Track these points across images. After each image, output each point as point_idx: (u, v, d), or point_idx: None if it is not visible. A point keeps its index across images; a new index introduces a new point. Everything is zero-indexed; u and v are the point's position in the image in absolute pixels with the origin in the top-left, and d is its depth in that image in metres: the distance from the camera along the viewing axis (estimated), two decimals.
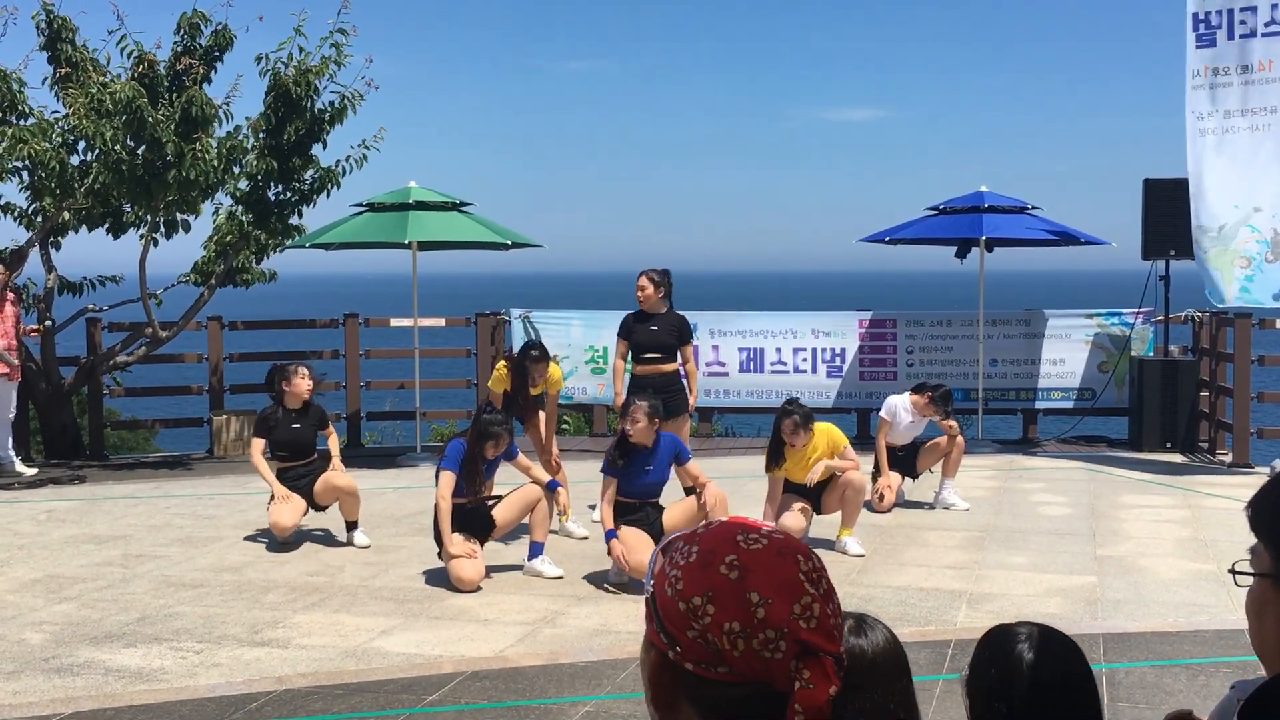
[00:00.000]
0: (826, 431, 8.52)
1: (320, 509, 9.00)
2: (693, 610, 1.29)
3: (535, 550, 7.92)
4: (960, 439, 10.09)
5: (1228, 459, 12.20)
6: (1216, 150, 11.31)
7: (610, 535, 7.56)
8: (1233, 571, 1.78)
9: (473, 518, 7.83)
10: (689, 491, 7.98)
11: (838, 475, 8.47)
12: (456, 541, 7.58)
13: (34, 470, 11.96)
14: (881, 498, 9.81)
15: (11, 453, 11.96)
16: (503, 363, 9.41)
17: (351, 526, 8.90)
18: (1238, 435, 12.09)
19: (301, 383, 8.95)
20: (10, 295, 11.90)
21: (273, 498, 8.85)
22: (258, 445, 8.95)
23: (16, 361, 11.89)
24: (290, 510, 8.69)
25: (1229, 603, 7.12)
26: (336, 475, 8.92)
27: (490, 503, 8.02)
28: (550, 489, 7.92)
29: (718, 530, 1.36)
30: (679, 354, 9.36)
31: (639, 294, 9.36)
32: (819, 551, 8.31)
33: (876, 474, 9.95)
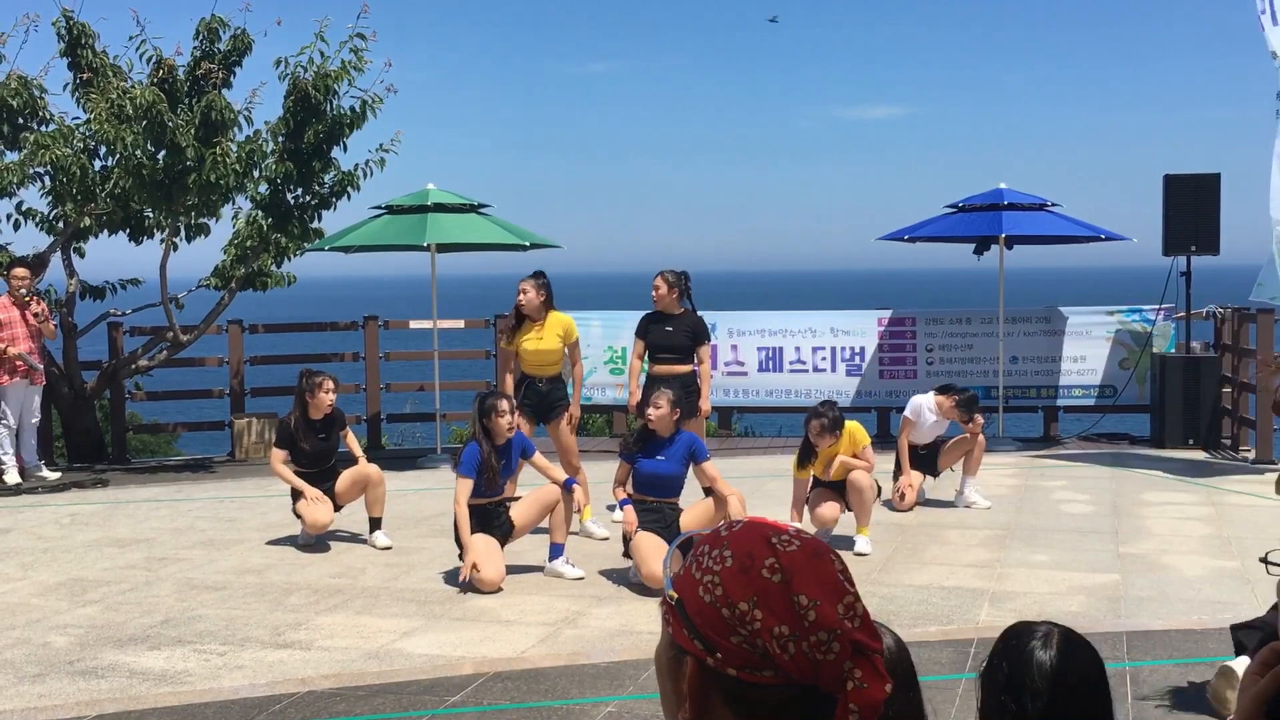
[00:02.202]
0: (849, 430, 8.55)
1: (337, 509, 9.03)
2: (739, 616, 1.29)
3: (556, 551, 7.92)
4: (981, 437, 10.06)
5: (1251, 455, 12.12)
6: None
7: (625, 503, 7.70)
8: (1264, 561, 1.78)
9: (492, 519, 7.85)
10: (707, 492, 7.97)
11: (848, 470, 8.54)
12: (477, 549, 7.59)
13: (57, 474, 12.03)
14: (903, 496, 9.80)
15: (37, 457, 12.04)
16: (505, 333, 9.46)
17: (375, 525, 8.93)
18: (1261, 431, 12.02)
19: (325, 396, 8.96)
20: (35, 299, 11.97)
21: (296, 498, 8.88)
22: (279, 455, 8.91)
23: (40, 365, 11.97)
24: (325, 508, 8.75)
25: (1253, 600, 7.08)
26: (365, 466, 8.96)
27: (509, 504, 8.03)
28: (566, 487, 7.93)
29: (746, 532, 1.35)
30: (695, 355, 9.35)
31: (654, 294, 9.37)
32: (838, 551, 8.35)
33: (898, 473, 9.93)
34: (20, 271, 11.85)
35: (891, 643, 1.98)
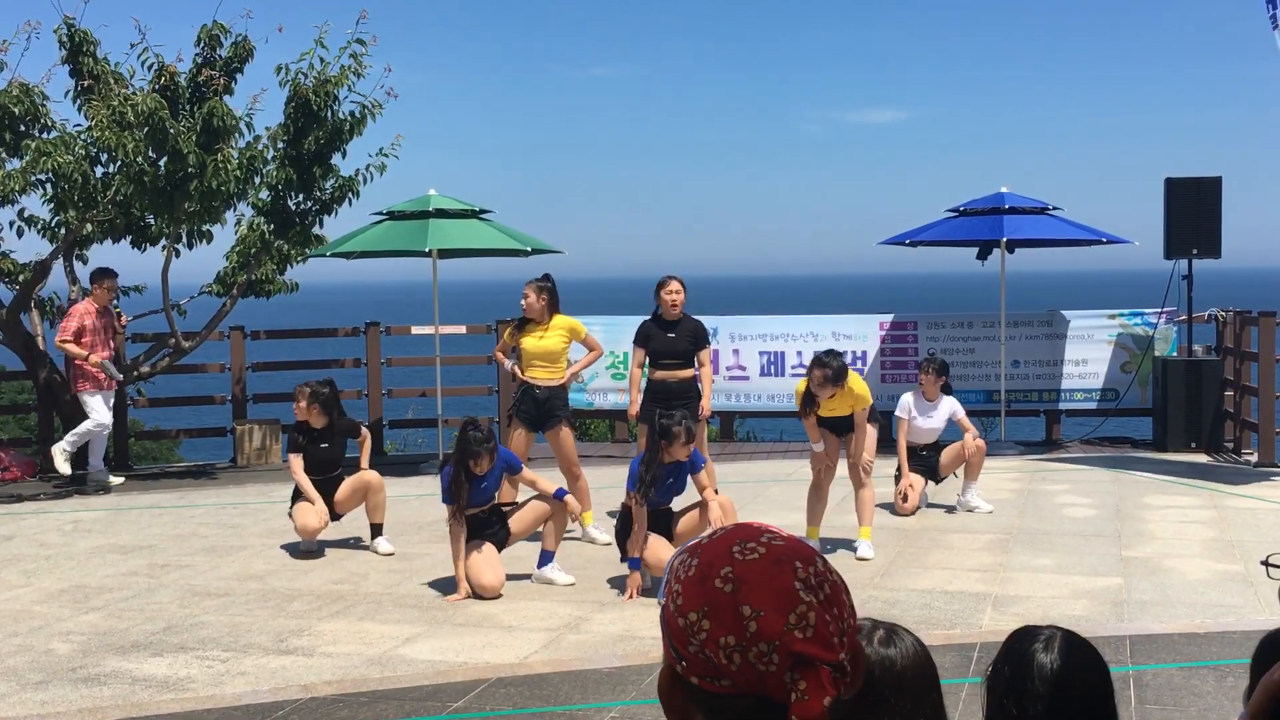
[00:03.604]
0: (852, 386, 8.32)
1: (337, 518, 9.03)
2: (690, 626, 1.30)
3: (545, 558, 7.89)
4: (981, 442, 10.06)
5: (1253, 458, 12.11)
6: None
7: (635, 564, 7.52)
8: (1265, 564, 1.79)
9: (486, 527, 7.83)
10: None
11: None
12: (475, 560, 7.59)
13: (120, 480, 12.13)
14: (905, 498, 9.80)
15: (102, 463, 12.15)
16: (511, 324, 9.46)
17: (377, 531, 8.93)
18: (1263, 434, 12.01)
19: (296, 407, 9.02)
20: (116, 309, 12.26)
21: (294, 502, 8.89)
22: (296, 462, 8.92)
23: (119, 375, 12.17)
24: (317, 513, 8.75)
25: (1256, 603, 7.08)
26: (364, 472, 8.97)
27: (507, 509, 8.02)
28: (558, 497, 7.87)
29: (718, 541, 1.36)
30: (696, 359, 9.31)
31: (674, 297, 9.24)
32: (839, 553, 8.29)
33: (899, 475, 9.94)
34: (111, 283, 12.13)
35: (910, 646, 1.98)
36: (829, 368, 8.14)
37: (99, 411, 11.80)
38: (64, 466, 11.72)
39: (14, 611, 7.48)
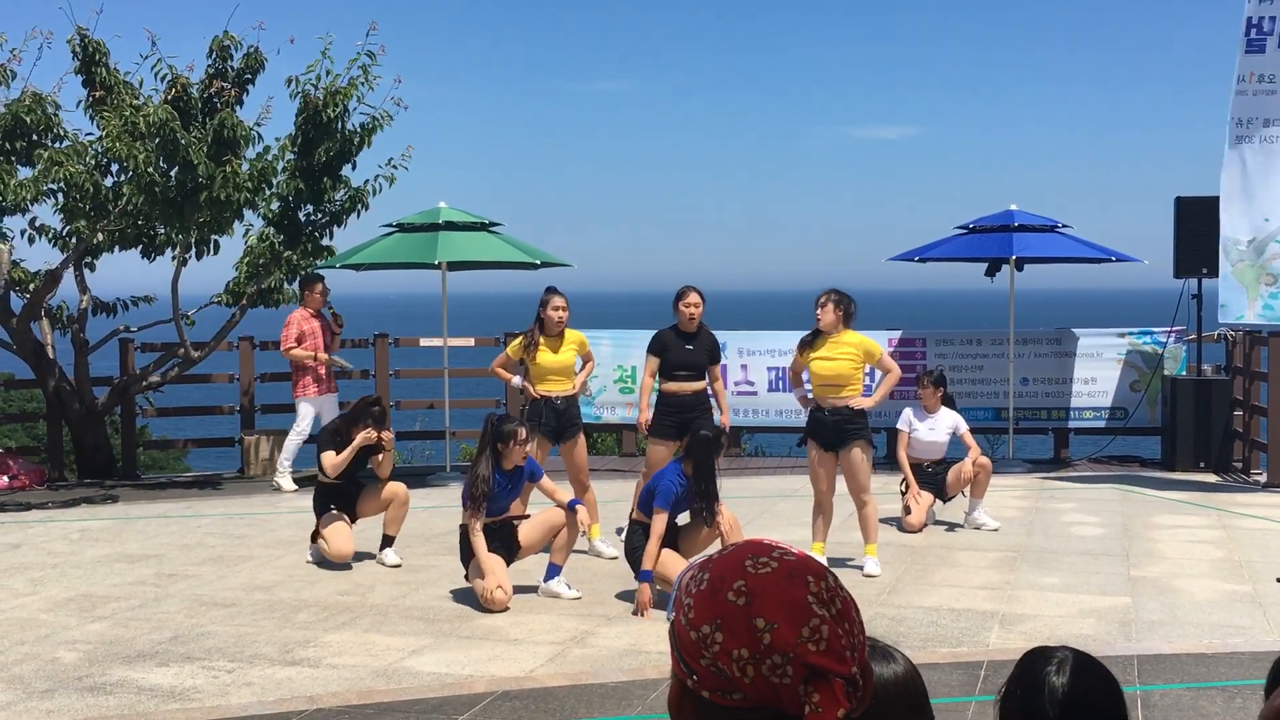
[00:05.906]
0: (864, 343, 8.24)
1: (353, 519, 9.02)
2: (703, 639, 1.31)
3: (552, 571, 7.88)
4: (986, 460, 10.03)
5: (1262, 479, 12.07)
6: (1254, 160, 11.17)
7: (646, 577, 7.48)
8: None
9: (498, 538, 7.83)
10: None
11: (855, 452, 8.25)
12: (489, 559, 7.58)
13: (294, 488, 12.26)
14: (908, 510, 9.78)
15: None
16: (519, 339, 9.42)
17: (387, 542, 8.92)
18: (1273, 454, 11.96)
19: (369, 434, 8.90)
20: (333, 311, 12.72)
21: (319, 518, 8.84)
22: (330, 457, 8.81)
23: (351, 365, 12.85)
24: (347, 536, 8.75)
25: (1265, 624, 7.05)
26: (394, 484, 8.98)
27: (516, 523, 8.02)
28: (570, 508, 7.88)
29: (729, 556, 1.37)
30: (708, 373, 9.26)
31: (694, 310, 9.13)
32: (845, 570, 8.28)
33: (905, 490, 9.94)
34: (322, 287, 12.49)
35: (901, 667, 1.97)
36: (832, 290, 8.21)
37: (306, 421, 12.26)
38: (289, 484, 12.21)
39: (21, 620, 7.49)
